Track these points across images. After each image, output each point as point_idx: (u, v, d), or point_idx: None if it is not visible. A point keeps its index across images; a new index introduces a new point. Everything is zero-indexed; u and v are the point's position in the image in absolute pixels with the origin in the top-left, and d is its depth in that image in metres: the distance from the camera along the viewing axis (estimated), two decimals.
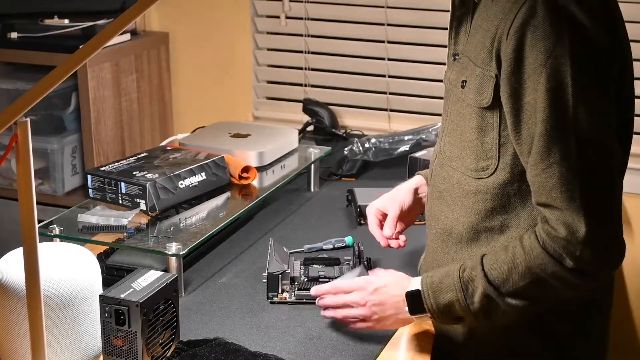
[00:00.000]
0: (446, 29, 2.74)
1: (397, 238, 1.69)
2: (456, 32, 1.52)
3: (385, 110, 2.92)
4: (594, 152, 1.33)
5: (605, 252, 1.36)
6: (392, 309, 1.51)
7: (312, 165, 2.30)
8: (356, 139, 2.53)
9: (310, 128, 2.81)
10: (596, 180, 1.34)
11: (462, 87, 1.45)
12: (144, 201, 1.86)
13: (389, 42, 2.86)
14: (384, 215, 1.74)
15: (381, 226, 1.72)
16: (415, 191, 1.74)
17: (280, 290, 1.71)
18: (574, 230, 1.33)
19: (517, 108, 1.35)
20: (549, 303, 1.43)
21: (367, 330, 1.56)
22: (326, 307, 1.57)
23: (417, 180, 1.77)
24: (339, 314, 1.55)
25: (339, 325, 1.61)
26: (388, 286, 1.53)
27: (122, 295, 1.41)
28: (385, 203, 1.75)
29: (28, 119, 1.18)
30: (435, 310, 1.45)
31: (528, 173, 1.39)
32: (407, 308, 1.49)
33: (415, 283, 1.49)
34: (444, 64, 2.77)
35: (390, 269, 1.62)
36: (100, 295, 1.43)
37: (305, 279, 1.75)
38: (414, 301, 1.48)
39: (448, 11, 2.93)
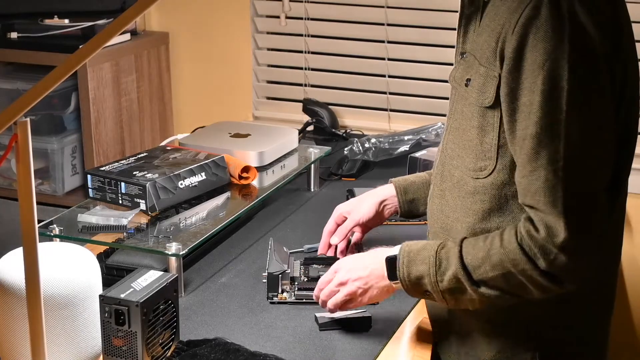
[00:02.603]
0: (447, 28, 2.77)
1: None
2: (465, 30, 1.51)
3: (385, 110, 2.92)
4: (581, 160, 1.32)
5: (579, 262, 1.35)
6: (372, 279, 1.53)
7: (312, 165, 2.30)
8: (356, 139, 2.53)
9: (310, 128, 2.81)
10: (579, 189, 1.33)
11: (466, 85, 1.45)
12: (144, 201, 1.86)
13: (389, 42, 2.86)
14: (344, 221, 1.83)
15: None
16: (380, 204, 1.81)
17: (280, 290, 1.71)
18: (554, 233, 1.33)
19: (513, 108, 1.35)
20: (515, 298, 1.42)
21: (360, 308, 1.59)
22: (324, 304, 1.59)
23: (387, 192, 1.82)
24: (331, 303, 1.57)
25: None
26: (359, 259, 1.57)
27: (122, 295, 1.41)
28: (349, 209, 1.83)
29: (28, 119, 1.17)
30: (405, 279, 1.47)
31: (516, 173, 1.39)
32: (386, 273, 1.50)
33: (396, 249, 1.51)
34: (444, 63, 2.80)
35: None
36: (100, 295, 1.43)
37: (305, 279, 1.75)
38: (391, 267, 1.50)
39: (448, 11, 2.94)
